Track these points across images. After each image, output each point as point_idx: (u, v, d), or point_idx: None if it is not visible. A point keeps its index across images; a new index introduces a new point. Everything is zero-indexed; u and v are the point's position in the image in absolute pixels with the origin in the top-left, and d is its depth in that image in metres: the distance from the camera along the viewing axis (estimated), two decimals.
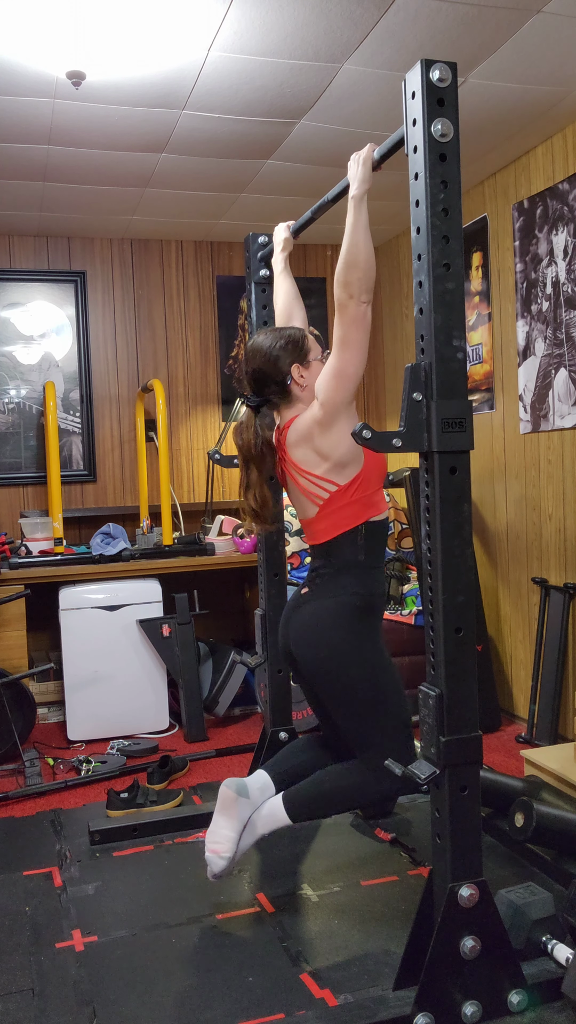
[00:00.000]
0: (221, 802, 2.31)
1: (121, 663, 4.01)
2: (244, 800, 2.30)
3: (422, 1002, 1.83)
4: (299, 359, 2.33)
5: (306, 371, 2.33)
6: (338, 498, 2.25)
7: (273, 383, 2.34)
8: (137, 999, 2.02)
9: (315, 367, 2.34)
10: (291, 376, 2.32)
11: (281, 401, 2.36)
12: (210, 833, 2.31)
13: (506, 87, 3.13)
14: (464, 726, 1.86)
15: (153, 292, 4.87)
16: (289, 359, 2.32)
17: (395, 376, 5.16)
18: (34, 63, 2.82)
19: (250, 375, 2.38)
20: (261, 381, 2.36)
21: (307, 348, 2.36)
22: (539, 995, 1.94)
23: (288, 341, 2.34)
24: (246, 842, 2.30)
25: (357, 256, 2.05)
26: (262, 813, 2.31)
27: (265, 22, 2.64)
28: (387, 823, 2.94)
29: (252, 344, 2.39)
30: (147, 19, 2.59)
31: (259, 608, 3.03)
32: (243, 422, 2.39)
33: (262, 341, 2.36)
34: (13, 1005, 2.03)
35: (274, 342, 2.34)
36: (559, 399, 3.62)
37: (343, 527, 2.26)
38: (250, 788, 2.33)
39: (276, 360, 2.32)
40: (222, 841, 2.27)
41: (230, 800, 2.29)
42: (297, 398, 2.34)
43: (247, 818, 2.30)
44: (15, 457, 4.64)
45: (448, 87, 1.81)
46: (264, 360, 2.33)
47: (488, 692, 3.89)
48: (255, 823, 2.30)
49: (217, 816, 2.31)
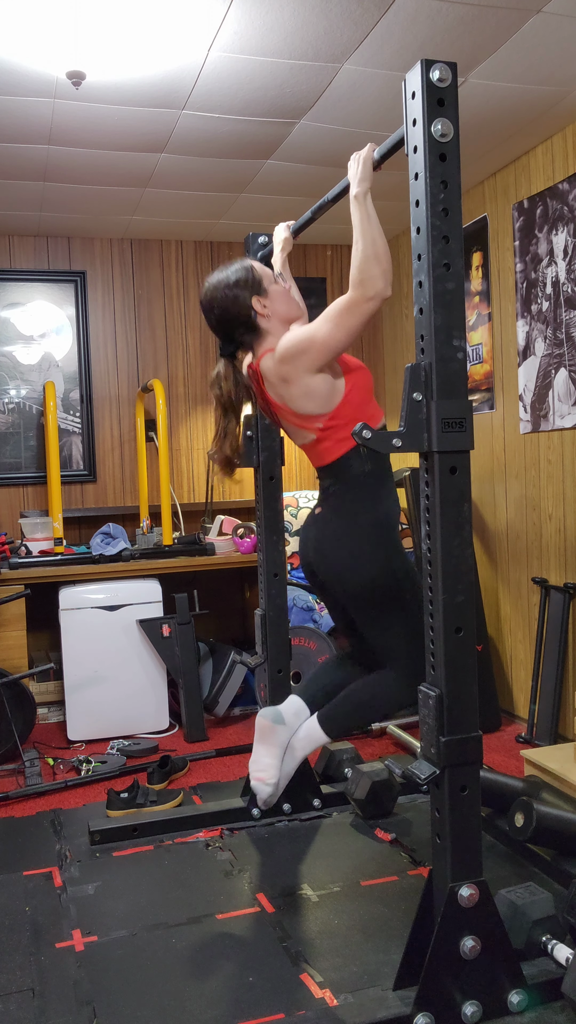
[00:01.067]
0: (259, 732, 2.37)
1: (121, 663, 4.02)
2: (281, 727, 2.37)
3: (422, 1002, 1.83)
4: (256, 291, 2.31)
5: (267, 300, 2.32)
6: (332, 423, 2.26)
7: (239, 324, 2.33)
8: (137, 999, 2.02)
9: (274, 291, 2.34)
10: (255, 310, 2.31)
11: (253, 339, 2.36)
12: (253, 763, 2.38)
13: (506, 87, 3.13)
14: (464, 726, 1.86)
15: (153, 292, 4.87)
16: (246, 294, 2.30)
17: (395, 376, 5.16)
18: (34, 63, 2.82)
19: (215, 325, 2.37)
20: (228, 326, 2.35)
21: (258, 277, 2.34)
22: (539, 995, 1.94)
23: (237, 278, 2.32)
24: (288, 766, 2.37)
25: (377, 250, 2.05)
26: (299, 735, 2.38)
27: (265, 22, 2.64)
28: (387, 823, 2.94)
29: (204, 296, 2.36)
30: (147, 19, 2.59)
31: (259, 608, 3.03)
32: (220, 373, 2.38)
33: (212, 287, 2.34)
34: (13, 1005, 2.03)
35: (226, 282, 2.32)
36: (559, 399, 3.62)
37: (345, 447, 2.27)
38: (284, 714, 2.40)
39: (235, 300, 2.31)
40: (265, 768, 2.34)
41: (267, 729, 2.36)
42: (266, 331, 2.33)
43: (286, 743, 2.38)
44: (15, 457, 4.64)
45: (448, 87, 1.81)
46: (222, 306, 2.32)
47: (488, 692, 3.89)
48: (294, 746, 2.38)
49: (257, 746, 2.38)
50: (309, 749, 2.40)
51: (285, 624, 3.01)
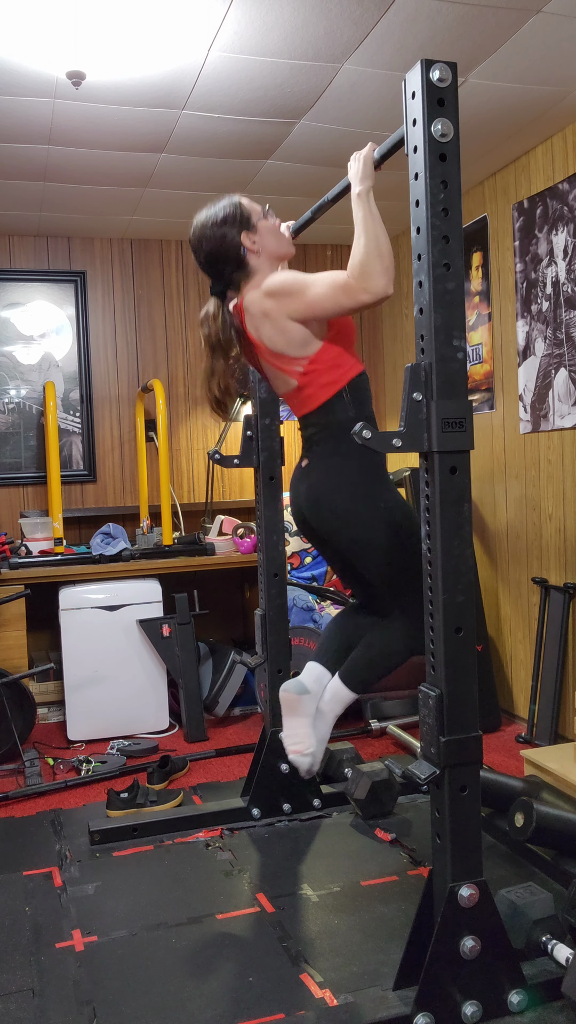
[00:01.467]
0: (285, 706, 2.36)
1: (121, 663, 4.02)
2: (306, 696, 2.36)
3: (422, 1002, 1.83)
4: (245, 226, 2.30)
5: (256, 235, 2.31)
6: (312, 368, 2.25)
7: (229, 261, 2.31)
8: (137, 999, 2.02)
9: (263, 226, 2.32)
10: (244, 246, 2.29)
11: (242, 277, 2.34)
12: (286, 736, 2.36)
13: (506, 87, 3.13)
14: (464, 726, 1.86)
15: (153, 292, 4.87)
16: (235, 230, 2.29)
17: (395, 376, 5.16)
18: (34, 63, 2.82)
19: (204, 263, 2.35)
20: (217, 263, 2.33)
21: (247, 212, 2.32)
22: (539, 995, 1.94)
23: (226, 213, 2.30)
24: (321, 731, 2.36)
25: (380, 247, 2.04)
26: (325, 699, 2.37)
27: (265, 22, 2.64)
28: (387, 823, 2.94)
29: (194, 232, 2.34)
30: (147, 19, 2.59)
31: (259, 608, 3.03)
32: (210, 312, 2.36)
33: (201, 223, 2.32)
34: (13, 1005, 2.02)
35: (214, 219, 2.30)
36: (559, 399, 3.63)
37: (328, 392, 2.27)
38: (306, 683, 2.38)
39: (223, 236, 2.29)
40: (301, 739, 2.33)
41: (293, 701, 2.35)
42: (255, 268, 2.32)
43: (314, 710, 2.36)
44: (15, 457, 4.64)
45: (448, 87, 1.81)
46: (211, 242, 2.30)
47: (488, 692, 3.89)
48: (322, 710, 2.37)
49: (286, 719, 2.37)
50: (339, 709, 2.39)
51: (285, 624, 3.01)
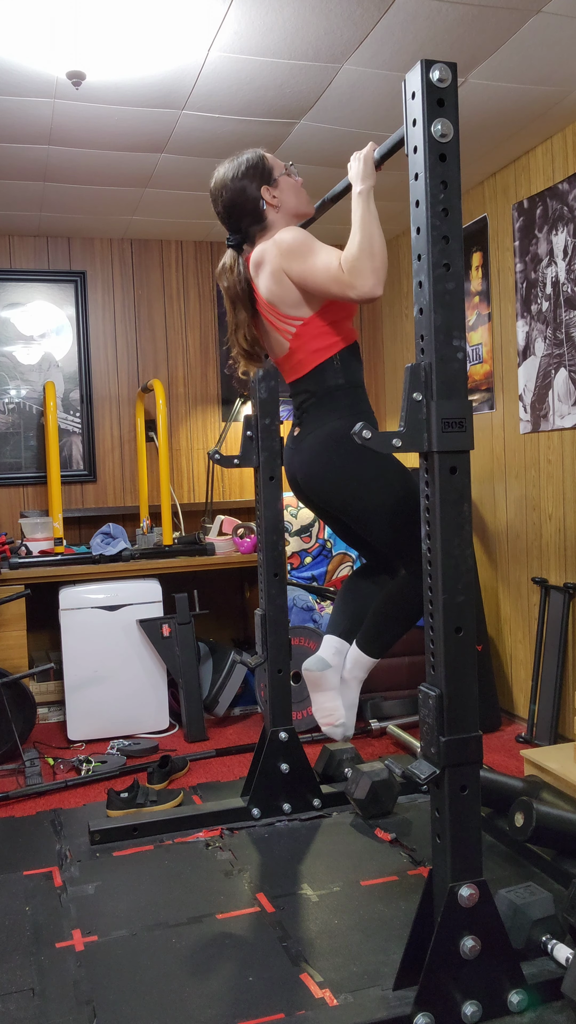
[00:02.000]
0: (310, 683, 2.39)
1: (121, 663, 4.02)
2: (328, 670, 2.39)
3: (422, 1002, 1.83)
4: (266, 180, 2.31)
5: (276, 190, 2.32)
6: (305, 332, 2.26)
7: (247, 213, 2.33)
8: (137, 999, 2.02)
9: (283, 182, 2.34)
10: (263, 199, 2.30)
11: (259, 231, 2.35)
12: (316, 710, 2.40)
13: (506, 87, 3.13)
14: (464, 726, 1.86)
15: (153, 292, 4.87)
16: (256, 183, 2.30)
17: (395, 376, 5.16)
18: (34, 63, 2.82)
19: (222, 213, 2.36)
20: (235, 215, 2.34)
21: (269, 166, 2.33)
22: (539, 995, 1.94)
23: (248, 165, 2.32)
24: (349, 698, 2.40)
25: (372, 246, 2.05)
26: (347, 668, 2.40)
27: (265, 22, 2.64)
28: (387, 823, 2.94)
29: (214, 182, 2.36)
30: (147, 19, 2.60)
31: (259, 608, 3.03)
32: (226, 264, 2.37)
33: (223, 174, 2.34)
34: (13, 1005, 2.03)
35: (236, 171, 2.32)
36: (559, 399, 3.63)
37: (318, 358, 2.28)
38: (326, 657, 2.41)
39: (244, 188, 2.31)
40: (330, 711, 2.37)
41: (316, 678, 2.38)
42: (272, 222, 2.33)
43: (338, 681, 2.40)
44: (15, 457, 4.64)
45: (448, 87, 1.81)
46: (232, 192, 2.32)
47: (488, 692, 3.89)
48: (346, 679, 2.40)
49: (314, 695, 2.40)
50: (363, 675, 2.41)
51: (285, 624, 3.01)
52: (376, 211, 2.08)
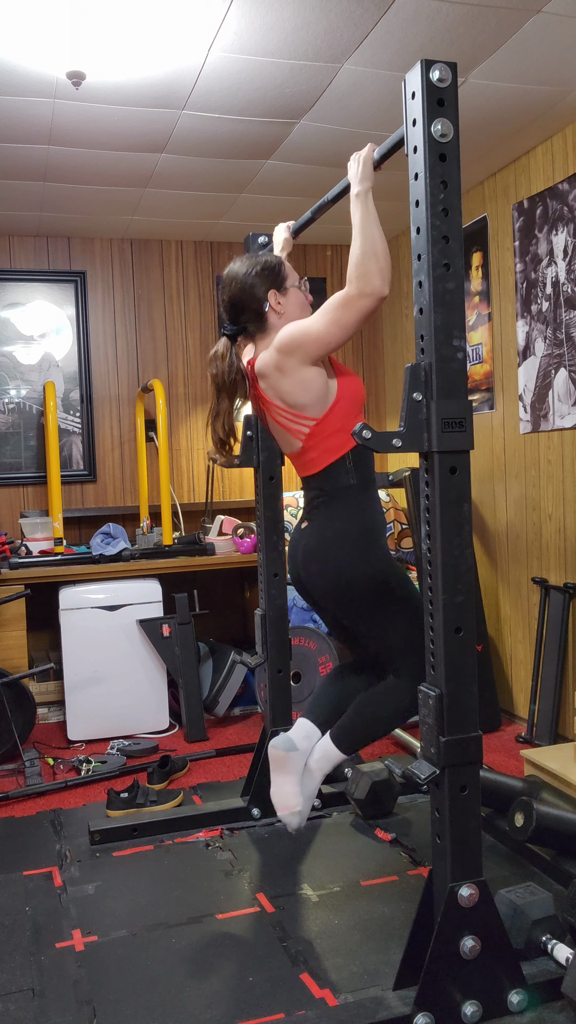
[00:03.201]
0: (273, 763, 2.34)
1: (121, 663, 4.01)
2: (294, 753, 2.33)
3: (422, 1002, 1.83)
4: (276, 286, 2.31)
5: (283, 298, 2.32)
6: (319, 431, 2.25)
7: (249, 311, 2.32)
8: (137, 999, 2.02)
9: (292, 293, 2.33)
10: (268, 303, 2.30)
11: (257, 330, 2.34)
12: (274, 795, 2.34)
13: (506, 87, 3.13)
14: (464, 726, 1.86)
15: (153, 292, 4.88)
16: (266, 286, 2.30)
17: (395, 376, 5.16)
18: (34, 63, 2.82)
19: (226, 303, 2.36)
20: (237, 309, 2.34)
21: (284, 274, 2.34)
22: (539, 995, 1.94)
23: (264, 267, 2.31)
24: (309, 788, 2.34)
25: (376, 248, 2.04)
26: (315, 756, 2.35)
27: (265, 22, 2.64)
28: (387, 823, 2.94)
29: (228, 272, 2.36)
30: (147, 19, 2.60)
31: (259, 608, 3.03)
32: (218, 351, 2.36)
33: (238, 268, 2.33)
34: (13, 1005, 2.03)
35: (250, 268, 2.31)
36: (559, 399, 3.63)
37: (330, 457, 2.27)
38: (295, 740, 2.36)
39: (252, 287, 2.30)
40: (288, 796, 2.31)
41: (281, 758, 2.33)
42: (273, 327, 2.32)
43: (302, 768, 2.34)
44: (15, 457, 4.64)
45: (448, 87, 1.81)
46: (240, 287, 2.31)
47: (488, 692, 3.89)
48: (311, 768, 2.34)
49: (274, 776, 2.34)
50: (327, 768, 2.36)
51: (285, 624, 3.01)
52: (375, 212, 2.08)
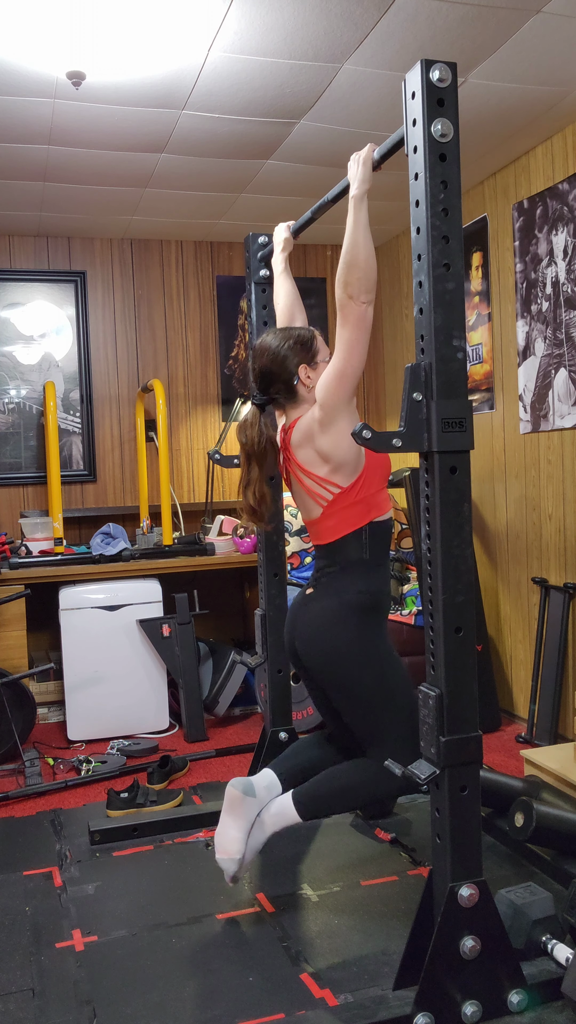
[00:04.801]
0: (228, 802, 2.30)
1: (121, 663, 4.01)
2: (251, 799, 2.30)
3: (422, 1002, 1.83)
4: (307, 360, 2.33)
5: (313, 372, 2.33)
6: (342, 499, 2.25)
7: (280, 382, 2.34)
8: (137, 999, 2.02)
9: (322, 368, 2.34)
10: (298, 376, 2.32)
11: (287, 401, 2.37)
12: (218, 835, 2.31)
13: (506, 87, 3.13)
14: (464, 726, 1.86)
15: (153, 292, 4.87)
16: (297, 359, 2.32)
17: (395, 376, 5.16)
18: (34, 63, 2.82)
19: (257, 373, 2.39)
20: (268, 380, 2.36)
21: (316, 349, 2.36)
22: (539, 995, 1.94)
23: (297, 341, 2.34)
24: (256, 840, 2.30)
25: (357, 256, 2.05)
26: (271, 811, 2.31)
27: (265, 22, 2.64)
28: (387, 823, 2.94)
29: (261, 343, 2.39)
30: (147, 19, 2.59)
31: (259, 608, 3.03)
32: (248, 420, 2.40)
33: (271, 341, 2.36)
34: (13, 1005, 2.03)
35: (283, 342, 2.34)
36: (559, 399, 3.63)
37: (348, 528, 2.27)
38: (256, 787, 2.33)
39: (284, 360, 2.32)
40: (231, 841, 2.27)
41: (236, 800, 2.29)
42: (303, 398, 2.34)
43: (254, 817, 2.30)
44: (15, 457, 4.64)
45: (448, 87, 1.81)
46: (272, 359, 2.34)
47: (488, 692, 3.89)
48: (263, 821, 2.30)
49: (224, 816, 2.31)
50: (278, 827, 2.30)
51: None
52: (366, 218, 2.08)
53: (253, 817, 2.29)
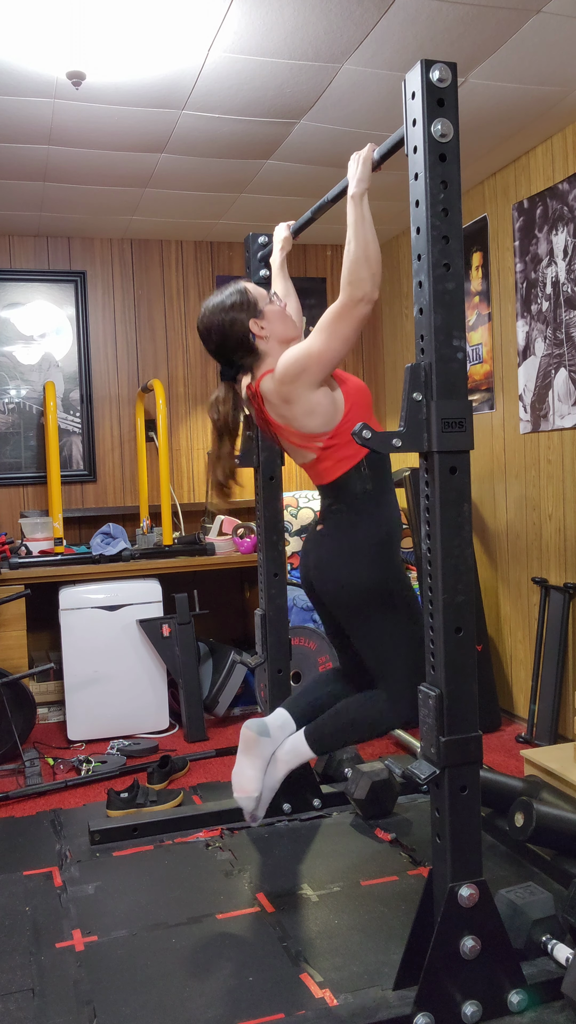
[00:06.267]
0: (243, 743, 2.37)
1: (121, 663, 4.02)
2: (265, 739, 2.36)
3: (422, 1002, 1.83)
4: (252, 313, 2.31)
5: (264, 320, 2.32)
6: (332, 443, 2.26)
7: (239, 348, 2.33)
8: (137, 999, 2.02)
9: (270, 311, 2.33)
10: (252, 332, 2.30)
11: (252, 362, 2.35)
12: (235, 775, 2.37)
13: (506, 87, 3.13)
14: (464, 726, 1.86)
15: (153, 292, 4.87)
16: (243, 317, 2.30)
17: (395, 376, 5.16)
18: (34, 63, 2.82)
19: (215, 350, 2.37)
20: (227, 350, 2.35)
21: (253, 298, 2.34)
22: (539, 995, 1.94)
23: (232, 302, 2.32)
24: (271, 779, 2.37)
25: (368, 252, 2.05)
26: (284, 748, 2.38)
27: (265, 22, 2.64)
28: (387, 823, 2.94)
29: (200, 322, 2.37)
30: (147, 19, 2.59)
31: (259, 608, 3.03)
32: (220, 396, 2.37)
33: (209, 312, 2.34)
34: (13, 1005, 2.03)
35: (221, 307, 2.32)
36: (559, 399, 3.63)
37: (344, 466, 2.28)
38: (270, 727, 2.39)
39: (232, 325, 2.31)
40: (249, 780, 2.34)
41: (251, 740, 2.36)
42: (265, 352, 2.33)
43: (269, 756, 2.36)
44: (15, 457, 4.64)
45: (448, 87, 1.81)
46: (220, 331, 2.32)
47: (488, 692, 3.89)
48: (277, 759, 2.37)
49: (240, 757, 2.37)
50: (293, 764, 2.37)
51: (285, 624, 3.01)
52: (370, 215, 2.09)
53: (268, 756, 2.36)
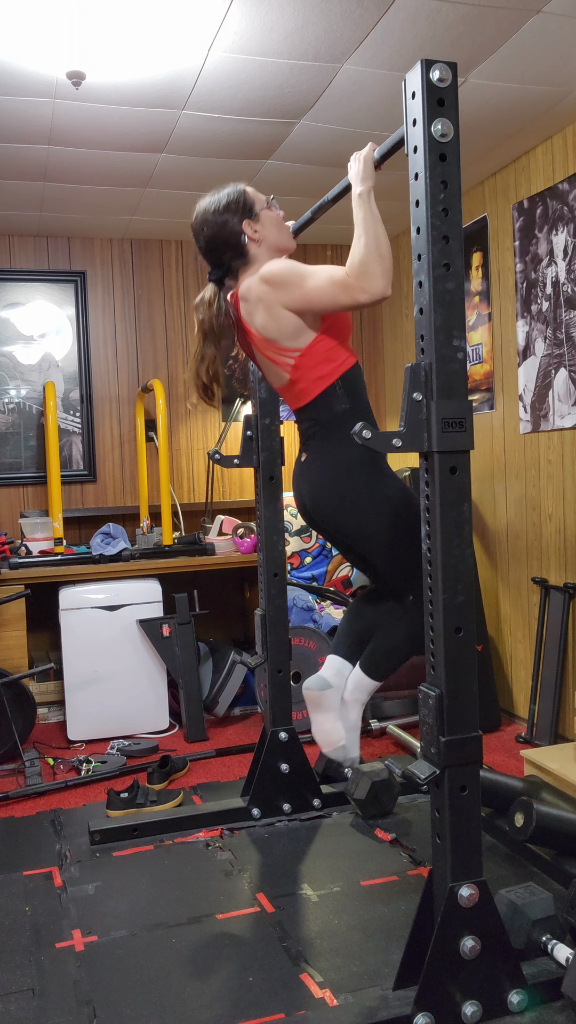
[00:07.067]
0: (310, 703, 2.37)
1: (121, 663, 4.02)
2: (328, 691, 2.37)
3: (422, 1002, 1.83)
4: (247, 214, 2.30)
5: (258, 224, 2.30)
6: (305, 362, 2.25)
7: (228, 248, 2.31)
8: (137, 999, 2.02)
9: (265, 216, 2.32)
10: (245, 234, 2.29)
11: (241, 265, 2.33)
12: (316, 733, 2.38)
13: (506, 87, 3.13)
14: (464, 726, 1.86)
15: (153, 292, 4.87)
16: (238, 217, 2.29)
17: (395, 376, 5.16)
18: (34, 63, 2.82)
19: (204, 248, 2.35)
20: (217, 249, 2.33)
21: (251, 200, 2.32)
22: (539, 995, 1.94)
23: (229, 200, 2.30)
24: (349, 721, 2.38)
25: (380, 248, 2.04)
26: (349, 689, 2.38)
27: (265, 22, 2.64)
28: (387, 823, 2.94)
29: (195, 216, 2.34)
30: (147, 19, 2.60)
31: (259, 608, 3.03)
32: (205, 297, 2.35)
33: (204, 208, 2.32)
34: (13, 1005, 2.03)
35: (216, 206, 2.30)
36: (559, 399, 3.63)
37: (320, 386, 2.26)
38: (327, 678, 2.40)
39: (225, 223, 2.29)
40: (329, 732, 2.36)
41: (316, 697, 2.37)
42: (255, 257, 2.31)
43: (338, 703, 2.38)
44: (15, 457, 4.64)
45: (448, 87, 1.81)
46: (213, 227, 2.30)
47: (488, 692, 3.89)
48: (347, 701, 2.38)
49: (313, 715, 2.38)
50: (364, 698, 2.39)
51: (285, 624, 3.01)
52: (378, 211, 2.08)
53: (337, 704, 2.37)
